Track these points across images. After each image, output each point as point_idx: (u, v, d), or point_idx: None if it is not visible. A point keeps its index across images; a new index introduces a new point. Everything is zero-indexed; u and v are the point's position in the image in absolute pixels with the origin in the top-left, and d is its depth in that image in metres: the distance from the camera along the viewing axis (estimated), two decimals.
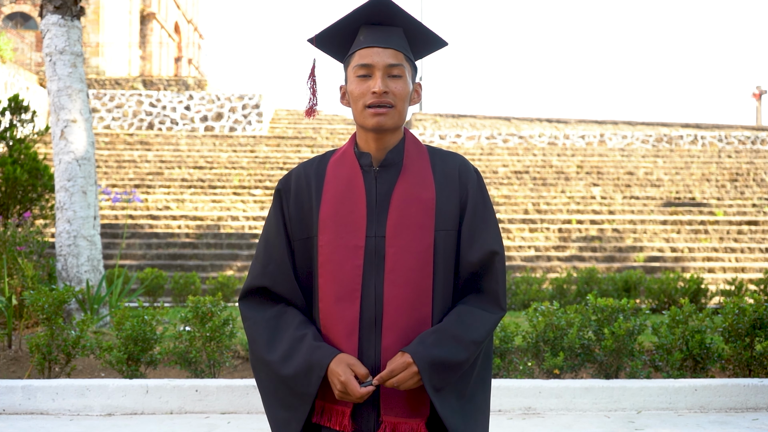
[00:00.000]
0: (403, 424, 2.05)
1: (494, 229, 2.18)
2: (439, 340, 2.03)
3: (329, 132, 24.23)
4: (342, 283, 2.08)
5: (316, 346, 2.05)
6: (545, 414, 4.25)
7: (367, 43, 2.12)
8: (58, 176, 6.93)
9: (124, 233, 10.87)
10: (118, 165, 20.41)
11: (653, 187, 20.29)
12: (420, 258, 2.09)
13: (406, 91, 2.13)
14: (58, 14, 6.99)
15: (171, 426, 3.94)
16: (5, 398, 4.30)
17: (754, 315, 4.79)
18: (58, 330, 4.79)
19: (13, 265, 6.25)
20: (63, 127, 6.95)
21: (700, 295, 9.53)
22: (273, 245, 2.17)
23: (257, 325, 2.13)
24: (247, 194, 18.68)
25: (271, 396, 2.11)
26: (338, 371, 1.99)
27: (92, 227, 6.95)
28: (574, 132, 24.91)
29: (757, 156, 23.53)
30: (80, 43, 7.14)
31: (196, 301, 4.80)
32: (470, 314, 2.10)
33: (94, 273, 6.88)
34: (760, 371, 4.78)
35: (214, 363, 4.75)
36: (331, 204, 2.13)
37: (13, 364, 5.10)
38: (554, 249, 16.35)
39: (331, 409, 2.07)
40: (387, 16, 2.14)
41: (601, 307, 4.89)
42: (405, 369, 1.99)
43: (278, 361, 2.07)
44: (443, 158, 2.21)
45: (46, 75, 7.04)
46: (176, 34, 44.27)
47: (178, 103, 24.27)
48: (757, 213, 18.67)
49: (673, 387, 4.36)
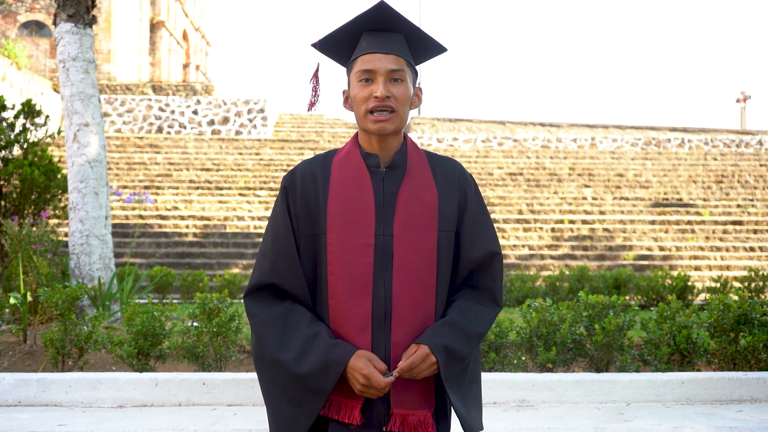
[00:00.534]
0: (412, 416, 2.05)
1: (492, 230, 2.20)
2: (450, 332, 2.05)
3: (331, 135, 24.22)
4: (353, 280, 2.07)
5: (333, 343, 2.02)
6: (539, 406, 4.25)
7: (370, 48, 2.11)
8: (71, 178, 6.93)
9: (135, 233, 10.88)
10: (128, 167, 20.41)
11: (642, 188, 20.29)
12: (426, 256, 2.09)
13: (407, 95, 2.13)
14: (71, 22, 6.99)
15: (179, 417, 3.94)
16: (21, 391, 4.30)
17: (738, 311, 4.79)
18: (71, 325, 4.79)
19: (28, 263, 6.25)
20: (76, 130, 6.95)
21: (686, 292, 9.53)
22: (281, 242, 2.13)
23: (266, 322, 2.08)
24: (253, 195, 18.67)
25: (277, 392, 2.07)
26: (360, 365, 1.98)
27: (104, 227, 6.95)
28: (567, 135, 24.90)
29: (741, 158, 23.53)
30: (92, 50, 7.14)
31: (203, 297, 4.80)
32: (472, 310, 2.12)
33: (106, 271, 6.88)
34: (744, 365, 4.78)
35: (220, 357, 4.75)
36: (339, 202, 2.11)
37: (29, 358, 5.11)
38: (547, 248, 16.35)
39: (341, 403, 2.05)
40: (388, 22, 2.14)
41: (592, 304, 4.89)
42: (424, 359, 2.00)
43: (292, 360, 2.03)
44: (442, 163, 2.22)
45: (60, 81, 7.04)
46: (184, 41, 44.24)
47: (186, 107, 24.26)
48: (741, 213, 18.67)
49: (661, 380, 4.36)
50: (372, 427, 2.04)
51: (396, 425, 2.03)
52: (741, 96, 31.64)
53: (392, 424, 2.03)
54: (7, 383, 4.31)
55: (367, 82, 2.10)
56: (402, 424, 2.04)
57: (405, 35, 2.16)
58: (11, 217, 7.45)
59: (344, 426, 2.04)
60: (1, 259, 7.46)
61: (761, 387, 4.40)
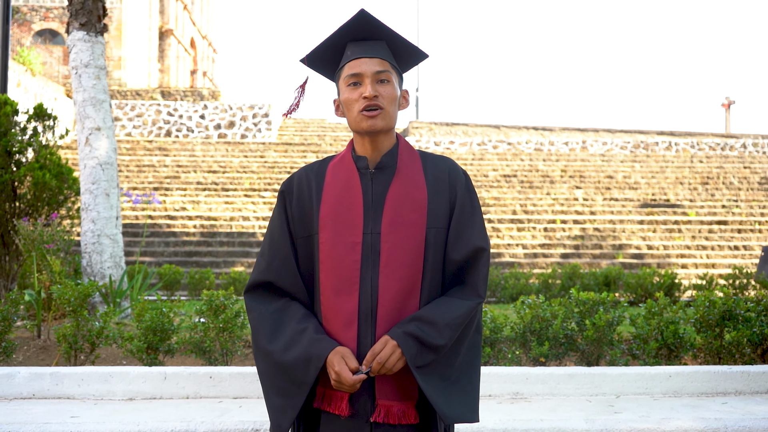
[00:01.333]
0: (395, 407, 2.06)
1: (480, 226, 2.18)
2: (417, 325, 2.04)
3: (333, 139, 24.22)
4: (341, 277, 2.08)
5: (317, 338, 2.05)
6: (532, 398, 4.25)
7: (355, 55, 2.14)
8: (83, 180, 6.93)
9: (144, 232, 10.87)
10: (138, 169, 20.39)
11: (631, 189, 20.28)
12: (412, 254, 2.10)
13: (394, 95, 2.15)
14: (83, 31, 6.99)
15: (187, 409, 3.94)
16: (35, 384, 4.30)
17: (723, 307, 4.79)
18: (83, 321, 4.78)
19: (42, 262, 6.25)
20: (88, 134, 6.94)
21: (674, 289, 9.53)
22: (277, 243, 2.17)
23: (262, 316, 2.12)
24: (257, 196, 18.67)
25: (269, 384, 2.10)
26: (333, 362, 2.00)
27: (115, 227, 6.94)
28: (559, 139, 24.89)
29: (726, 161, 23.53)
30: (103, 57, 7.14)
31: (210, 294, 4.80)
32: (446, 302, 2.11)
33: (117, 269, 6.88)
34: (728, 359, 4.78)
35: (226, 352, 4.75)
36: (331, 204, 2.13)
37: (42, 353, 5.10)
38: (540, 247, 16.34)
39: (332, 395, 2.08)
40: (369, 31, 2.16)
41: (583, 300, 4.89)
42: (384, 345, 2.00)
43: (279, 351, 2.06)
44: (434, 161, 2.22)
45: (72, 86, 7.04)
46: (192, 48, 44.22)
47: (193, 112, 24.26)
48: (726, 213, 18.67)
49: (649, 373, 4.36)
50: (359, 417, 2.06)
51: (381, 416, 2.05)
52: (726, 101, 31.66)
53: (377, 415, 2.05)
54: (22, 377, 4.30)
55: (355, 86, 2.13)
56: (386, 414, 2.05)
57: (387, 42, 2.19)
58: (24, 217, 7.45)
59: (334, 417, 2.07)
60: (16, 257, 7.45)
61: (745, 380, 4.40)
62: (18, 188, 7.51)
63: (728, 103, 31.59)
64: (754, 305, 4.86)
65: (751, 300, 4.97)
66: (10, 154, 7.54)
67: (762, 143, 25.16)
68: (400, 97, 2.19)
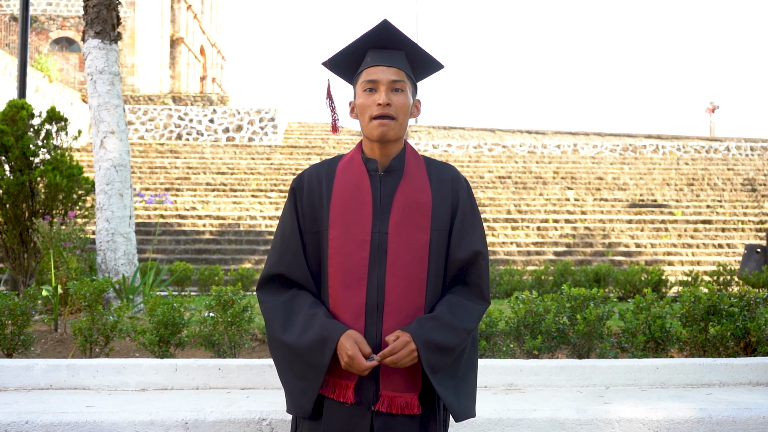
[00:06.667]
0: (399, 398, 2.06)
1: (480, 231, 2.20)
2: (436, 327, 2.04)
3: (336, 142, 24.22)
4: (350, 273, 2.09)
5: (328, 322, 2.05)
6: (526, 389, 4.25)
7: (374, 62, 2.15)
8: (98, 180, 6.92)
9: (156, 231, 10.87)
10: (150, 171, 20.40)
11: (620, 190, 20.29)
12: (417, 253, 2.10)
13: (407, 104, 2.15)
14: (98, 39, 6.98)
15: (197, 400, 3.94)
16: (52, 375, 4.30)
17: (708, 303, 4.79)
18: (98, 316, 4.78)
19: (58, 259, 6.25)
20: (102, 137, 6.94)
21: (661, 285, 9.53)
22: (288, 237, 2.17)
23: (274, 307, 2.13)
24: (264, 196, 18.67)
25: (287, 369, 2.10)
26: (347, 345, 1.99)
27: (128, 225, 6.94)
28: (551, 142, 24.89)
29: (710, 163, 23.54)
30: (117, 64, 7.13)
31: (218, 290, 4.80)
32: (461, 305, 2.11)
33: (130, 266, 6.88)
34: (713, 352, 4.78)
35: (234, 345, 4.75)
36: (341, 202, 2.14)
37: (59, 346, 5.10)
38: (533, 245, 16.34)
39: (336, 383, 2.07)
40: (390, 41, 2.17)
41: (575, 296, 4.89)
42: (404, 347, 2.00)
43: (294, 337, 2.06)
44: (438, 168, 2.23)
45: (88, 92, 7.03)
46: (201, 56, 44.23)
47: (203, 116, 24.26)
48: (710, 213, 18.67)
49: (638, 366, 4.36)
50: (363, 406, 2.06)
51: (384, 405, 2.05)
52: (710, 106, 31.67)
53: (381, 404, 2.05)
54: (40, 368, 4.31)
55: (371, 92, 2.13)
56: (390, 404, 2.05)
57: (406, 53, 2.19)
58: (43, 217, 7.44)
59: (339, 404, 2.06)
60: (34, 255, 7.46)
61: (729, 372, 4.39)
62: (34, 188, 7.51)
63: (712, 107, 31.61)
64: (738, 301, 4.86)
65: (734, 296, 4.97)
66: (26, 156, 7.54)
67: (744, 146, 25.16)
68: (412, 106, 2.20)
